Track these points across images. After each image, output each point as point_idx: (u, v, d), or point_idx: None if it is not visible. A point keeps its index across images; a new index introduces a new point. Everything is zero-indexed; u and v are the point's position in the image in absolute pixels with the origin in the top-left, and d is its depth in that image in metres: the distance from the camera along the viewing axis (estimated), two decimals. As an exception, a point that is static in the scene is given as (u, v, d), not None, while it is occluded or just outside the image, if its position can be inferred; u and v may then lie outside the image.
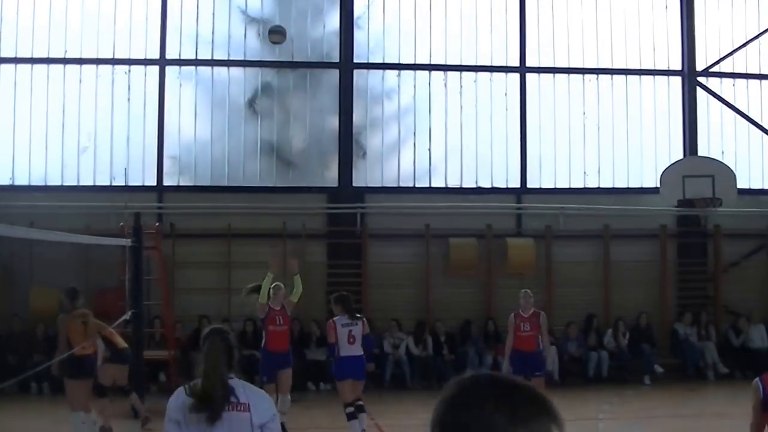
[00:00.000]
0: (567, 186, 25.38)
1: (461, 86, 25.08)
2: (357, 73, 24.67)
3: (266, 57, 24.54)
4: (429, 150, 24.84)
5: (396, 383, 22.83)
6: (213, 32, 24.36)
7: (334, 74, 24.60)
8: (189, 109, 24.22)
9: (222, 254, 23.36)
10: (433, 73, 25.04)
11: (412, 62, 24.96)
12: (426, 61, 24.99)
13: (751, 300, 25.16)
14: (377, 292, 23.84)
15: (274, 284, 16.12)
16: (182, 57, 24.24)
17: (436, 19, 25.02)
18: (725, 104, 26.11)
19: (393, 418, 18.74)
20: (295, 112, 24.62)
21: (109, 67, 23.93)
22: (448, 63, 25.06)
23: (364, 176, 24.59)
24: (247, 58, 24.42)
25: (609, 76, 25.81)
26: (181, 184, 24.16)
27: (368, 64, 24.89)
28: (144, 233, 18.69)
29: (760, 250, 25.94)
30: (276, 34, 20.64)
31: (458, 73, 25.11)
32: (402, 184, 24.71)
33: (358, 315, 15.89)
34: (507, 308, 23.35)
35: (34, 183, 23.61)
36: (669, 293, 25.25)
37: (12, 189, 23.23)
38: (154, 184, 23.91)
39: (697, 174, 24.21)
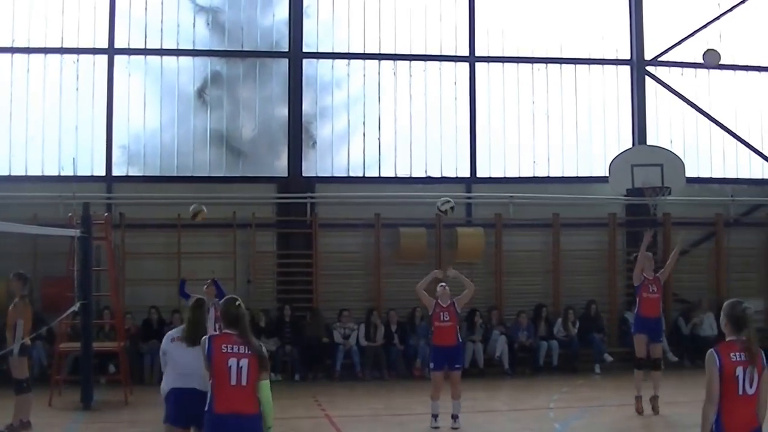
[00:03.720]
0: (516, 175, 25.81)
1: (411, 76, 25.47)
2: (306, 63, 24.96)
3: (216, 46, 24.78)
4: (379, 139, 25.21)
5: (346, 373, 23.08)
6: (162, 21, 24.50)
7: (284, 63, 24.88)
8: (138, 98, 24.38)
9: (172, 244, 23.46)
10: (382, 62, 25.38)
11: (362, 51, 25.28)
12: (375, 51, 25.33)
13: (701, 288, 25.85)
14: (327, 281, 24.18)
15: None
16: (131, 46, 24.38)
17: (385, 8, 25.41)
18: (674, 93, 26.75)
19: (344, 408, 19.00)
20: (244, 102, 24.84)
21: (57, 56, 24.08)
22: (398, 52, 25.42)
23: (314, 166, 24.88)
24: (196, 48, 24.60)
25: (558, 65, 26.31)
26: (131, 174, 24.26)
27: (318, 53, 25.16)
28: (93, 223, 18.61)
29: (709, 239, 26.61)
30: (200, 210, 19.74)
31: (408, 62, 25.49)
32: (352, 174, 25.05)
33: None
34: (457, 296, 24.01)
35: (-20, 173, 23.68)
36: (618, 282, 25.70)
37: (-41, 179, 23.33)
38: (103, 174, 24.00)
39: (645, 163, 24.84)
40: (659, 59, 26.79)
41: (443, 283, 16.79)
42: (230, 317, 9.03)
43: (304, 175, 24.68)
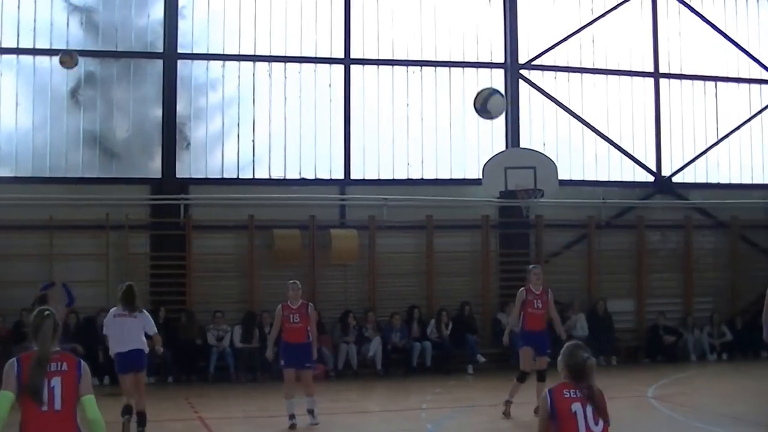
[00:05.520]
0: (390, 177, 26.22)
1: (286, 77, 25.67)
2: (181, 64, 24.98)
3: (89, 46, 24.57)
4: (253, 141, 25.34)
5: (220, 375, 23.26)
6: (35, 20, 24.31)
7: (158, 64, 24.86)
8: (10, 98, 24.21)
9: (44, 246, 23.37)
10: (257, 64, 25.54)
11: (237, 53, 25.41)
12: (251, 52, 25.47)
13: (573, 289, 26.50)
14: (201, 283, 24.28)
15: None
16: (3, 45, 24.20)
17: (261, 9, 25.57)
18: (547, 97, 27.48)
19: (216, 410, 19.07)
20: (118, 102, 24.76)
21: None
22: (273, 54, 25.60)
23: (188, 167, 24.91)
24: (70, 48, 23.91)
25: (433, 68, 26.78)
26: (1, 174, 24.03)
27: (193, 54, 25.20)
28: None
29: (581, 241, 27.42)
30: (67, 57, 20.84)
31: (282, 64, 25.68)
32: (226, 176, 25.16)
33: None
34: (332, 299, 24.44)
35: None
36: (491, 283, 26.34)
37: None
38: (-26, 174, 23.76)
39: (519, 165, 25.38)
40: (533, 63, 27.42)
41: (295, 282, 17.14)
42: (32, 329, 7.66)
43: (177, 176, 24.67)
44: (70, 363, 7.54)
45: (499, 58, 27.27)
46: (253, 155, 25.42)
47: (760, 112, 29.74)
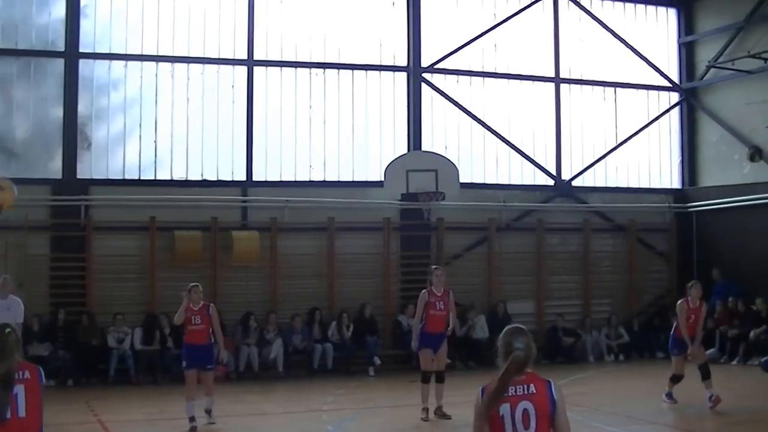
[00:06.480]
0: (293, 179, 26.34)
1: (188, 78, 25.63)
2: (83, 63, 24.77)
3: None
4: (155, 142, 25.23)
5: (121, 378, 23.16)
6: None
7: (59, 63, 24.59)
8: None
9: None
10: (160, 64, 25.43)
11: (139, 53, 25.26)
12: (153, 52, 25.35)
13: (474, 291, 26.88)
14: (102, 285, 24.12)
15: None
16: None
17: (164, 10, 25.48)
18: (449, 100, 27.85)
19: (117, 413, 19.01)
20: (18, 102, 24.49)
21: None
22: (176, 54, 25.54)
23: (89, 168, 24.69)
24: None
25: (336, 70, 26.99)
26: None
27: (94, 53, 24.98)
28: None
29: (482, 243, 27.87)
30: None
31: (185, 64, 25.63)
32: (127, 176, 25.00)
33: None
34: (233, 300, 24.48)
35: None
36: (392, 285, 26.67)
37: None
38: None
39: (420, 168, 25.65)
40: (436, 66, 27.77)
41: (197, 285, 17.24)
42: None
43: (78, 177, 24.48)
44: (32, 371, 7.35)
45: (402, 61, 27.60)
46: (155, 156, 25.31)
47: (657, 117, 30.53)
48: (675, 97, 30.91)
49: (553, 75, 29.22)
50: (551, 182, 29.04)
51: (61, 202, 24.38)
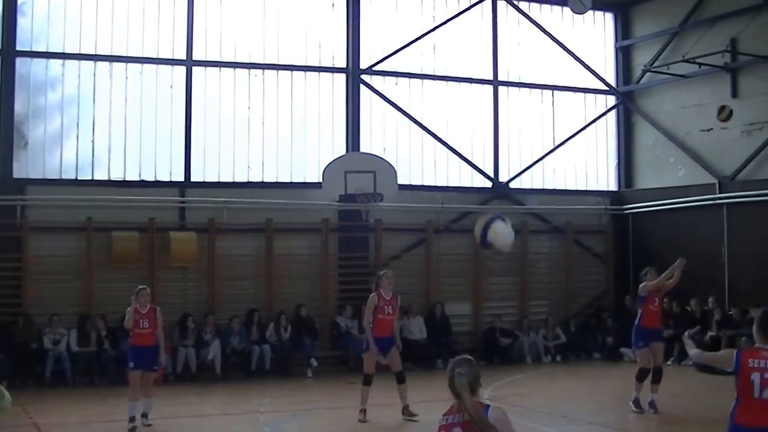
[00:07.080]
0: (231, 180, 26.35)
1: (127, 78, 25.49)
2: (20, 61, 24.55)
3: None
4: (93, 142, 25.09)
5: (57, 380, 22.98)
6: None
7: None
8: None
9: None
10: (98, 63, 25.25)
11: (77, 52, 25.08)
12: (92, 51, 25.18)
13: (411, 293, 26.84)
14: (38, 286, 23.86)
15: None
16: None
17: (102, 8, 25.34)
18: (387, 102, 28.02)
19: (52, 415, 18.90)
20: None
21: None
22: (114, 54, 25.40)
23: (25, 167, 24.43)
24: None
25: (275, 71, 27.03)
26: None
27: (32, 52, 24.74)
28: None
29: (420, 244, 28.06)
30: None
31: (124, 64, 25.49)
32: (64, 176, 24.77)
33: None
34: (171, 301, 24.39)
35: None
36: (331, 286, 26.75)
37: None
38: None
39: (359, 170, 25.86)
40: (374, 68, 27.93)
41: (145, 288, 17.32)
42: None
43: (14, 176, 24.25)
44: None
45: (341, 62, 27.71)
46: (93, 156, 25.17)
47: (594, 120, 30.92)
48: (612, 100, 31.33)
49: (491, 77, 29.49)
50: (489, 184, 29.31)
51: (-4, 201, 24.14)
